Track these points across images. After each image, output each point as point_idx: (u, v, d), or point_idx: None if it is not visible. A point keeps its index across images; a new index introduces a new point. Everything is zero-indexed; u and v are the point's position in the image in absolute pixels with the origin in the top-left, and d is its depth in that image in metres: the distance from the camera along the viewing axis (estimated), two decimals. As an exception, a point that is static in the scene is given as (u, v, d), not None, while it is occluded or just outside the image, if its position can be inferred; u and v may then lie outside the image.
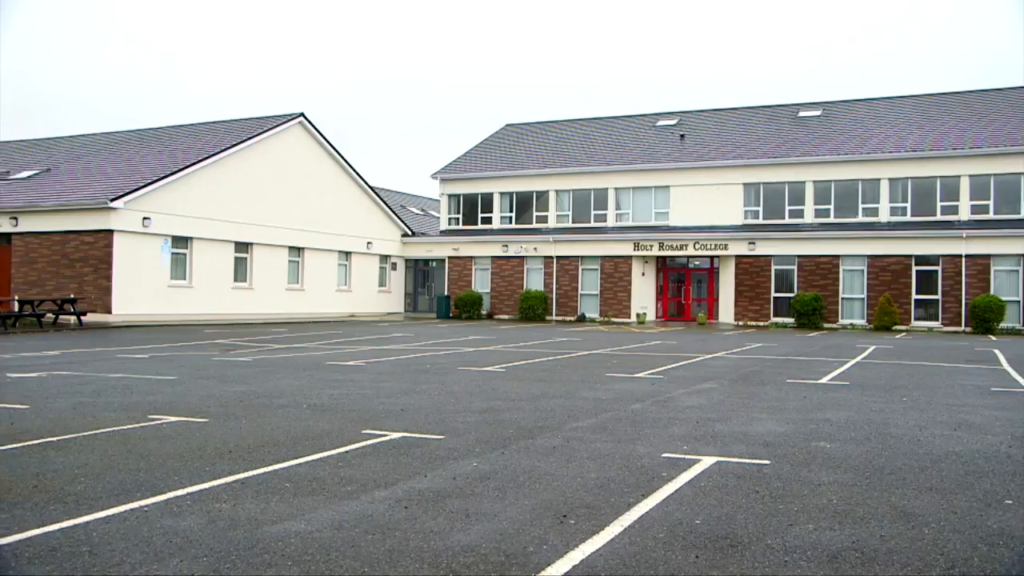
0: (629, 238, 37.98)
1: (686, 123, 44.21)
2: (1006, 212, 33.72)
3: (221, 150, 32.73)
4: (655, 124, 45.10)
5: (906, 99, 42.55)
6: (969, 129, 36.41)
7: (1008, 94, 40.20)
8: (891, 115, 40.29)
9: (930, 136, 36.46)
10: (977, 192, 34.23)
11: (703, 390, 12.18)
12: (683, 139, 41.75)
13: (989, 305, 31.27)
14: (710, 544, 4.82)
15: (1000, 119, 36.95)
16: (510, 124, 50.38)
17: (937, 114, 39.25)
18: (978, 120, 37.36)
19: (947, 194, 34.71)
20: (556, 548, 4.72)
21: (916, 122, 38.67)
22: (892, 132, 37.89)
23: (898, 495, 5.97)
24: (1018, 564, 4.52)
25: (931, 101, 41.37)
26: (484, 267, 41.36)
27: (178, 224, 30.62)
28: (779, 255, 35.71)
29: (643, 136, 43.71)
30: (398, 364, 16.03)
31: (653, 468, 6.78)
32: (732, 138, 41.05)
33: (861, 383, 13.35)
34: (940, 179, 34.76)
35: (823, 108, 42.82)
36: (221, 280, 32.67)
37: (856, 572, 4.37)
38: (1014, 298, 32.19)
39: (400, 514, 5.39)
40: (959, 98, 41.03)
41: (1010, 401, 11.27)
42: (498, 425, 8.85)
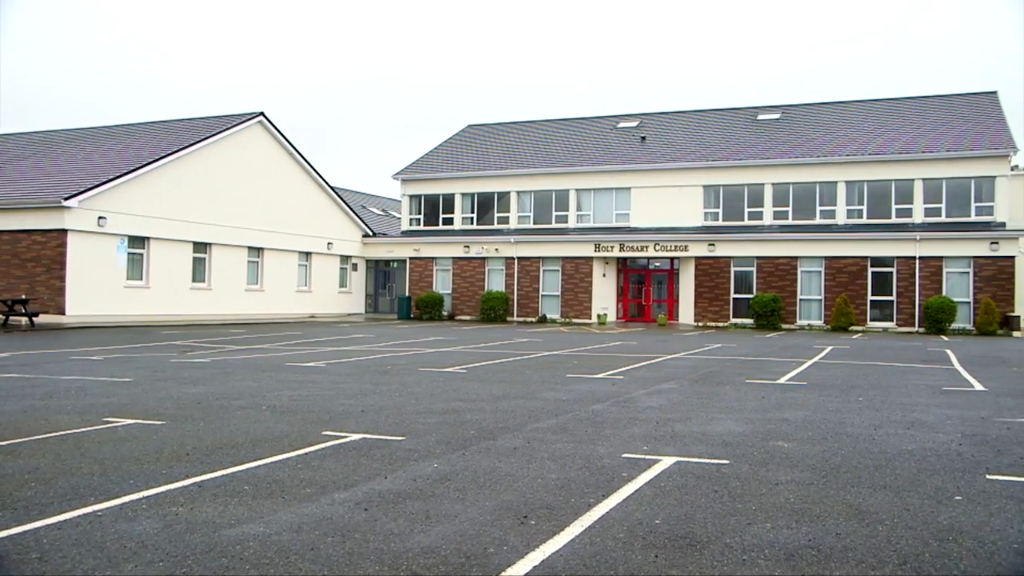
0: (590, 239, 38.14)
1: (647, 125, 44.51)
2: (957, 215, 34.42)
3: (179, 149, 32.32)
4: (616, 126, 45.34)
5: (863, 103, 43.22)
6: (923, 134, 37.08)
7: (962, 99, 41.00)
8: (848, 119, 40.91)
9: (886, 140, 37.08)
10: (930, 195, 34.89)
11: (663, 390, 12.26)
12: (644, 141, 42.03)
13: (941, 306, 31.90)
14: (670, 544, 4.85)
15: (954, 124, 37.69)
16: (472, 125, 50.35)
17: (893, 118, 39.93)
18: (932, 125, 38.07)
19: (901, 197, 35.34)
20: (516, 549, 4.71)
21: (872, 126, 39.31)
22: (849, 135, 38.47)
23: (853, 493, 6.05)
24: (966, 558, 4.61)
25: (887, 105, 42.07)
26: (445, 268, 41.29)
27: (135, 224, 30.18)
28: (738, 256, 36.10)
29: (604, 137, 43.93)
30: (359, 365, 15.93)
31: (613, 468, 6.81)
32: (692, 140, 41.42)
33: (818, 383, 13.52)
34: (895, 182, 35.38)
35: (782, 111, 43.36)
36: (179, 281, 32.25)
37: (812, 570, 4.42)
38: (965, 299, 32.86)
39: (360, 516, 5.35)
40: (915, 103, 41.78)
41: (961, 400, 11.48)
42: (459, 426, 8.83)
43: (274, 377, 13.58)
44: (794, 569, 4.43)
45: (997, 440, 8.25)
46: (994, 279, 32.52)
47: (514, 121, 49.77)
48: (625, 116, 46.78)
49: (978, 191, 34.30)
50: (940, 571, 4.42)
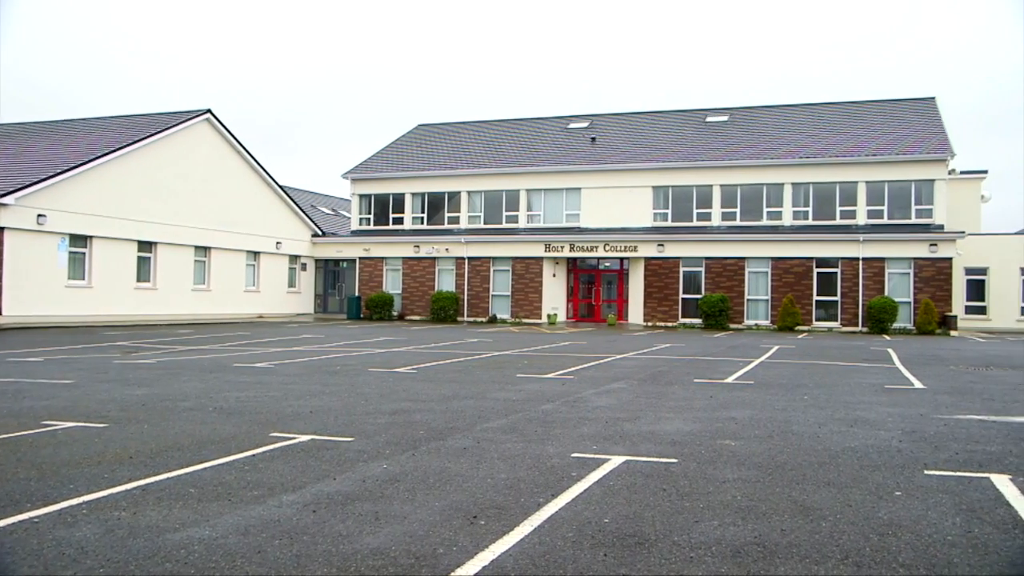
0: (540, 239, 38.25)
1: (597, 126, 44.76)
2: (899, 217, 35.21)
3: (124, 145, 31.68)
4: (567, 127, 45.53)
5: (808, 107, 43.99)
6: (867, 137, 37.85)
7: (902, 105, 41.94)
8: (794, 122, 41.61)
9: (830, 143, 37.77)
10: (873, 198, 35.63)
11: (612, 390, 12.34)
12: (594, 142, 42.26)
13: (884, 306, 32.61)
14: (618, 542, 4.88)
15: (895, 129, 38.54)
16: (422, 124, 50.17)
17: (837, 122, 40.69)
18: (875, 129, 38.87)
19: (845, 199, 36.03)
20: (466, 549, 4.71)
21: (818, 129, 40.01)
22: (795, 138, 39.12)
23: (798, 490, 6.15)
24: (904, 551, 4.72)
25: (832, 109, 42.87)
26: (395, 268, 41.09)
27: (76, 222, 29.51)
28: (687, 257, 36.48)
29: (555, 138, 44.09)
30: (307, 366, 15.78)
31: (563, 468, 6.84)
32: (642, 141, 41.76)
33: (765, 382, 13.73)
34: (839, 185, 36.06)
35: (730, 114, 43.92)
36: (123, 280, 31.60)
37: (758, 566, 4.48)
38: (906, 299, 33.63)
39: (308, 518, 5.30)
40: (858, 107, 42.63)
41: (901, 398, 11.74)
42: (408, 426, 8.79)
43: (221, 378, 13.39)
44: (740, 566, 4.49)
45: (935, 436, 8.46)
46: (933, 280, 33.33)
47: (464, 121, 49.71)
48: (575, 117, 46.99)
49: (918, 194, 35.11)
50: (880, 564, 4.52)
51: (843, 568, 4.46)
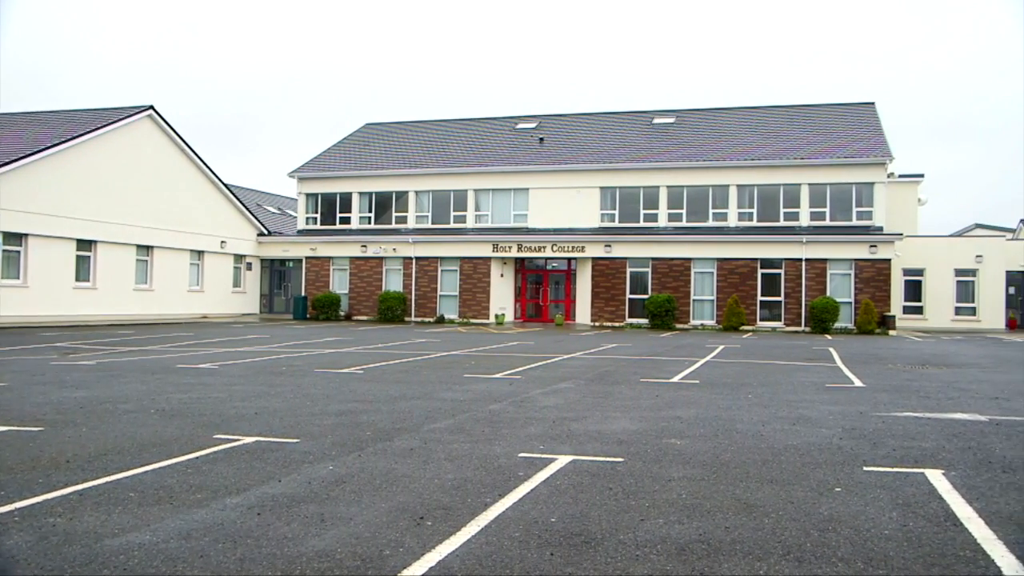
0: (488, 239, 38.25)
1: (545, 126, 44.90)
2: (840, 219, 35.93)
3: (62, 141, 30.89)
4: (515, 127, 45.60)
5: (753, 110, 44.65)
6: (810, 141, 38.56)
7: (844, 109, 42.82)
8: (740, 124, 42.21)
9: (775, 146, 38.41)
10: (815, 200, 36.31)
11: (560, 390, 12.39)
12: (542, 142, 42.39)
13: (826, 306, 33.26)
14: (565, 541, 4.90)
15: (837, 132, 39.32)
16: (370, 123, 49.85)
17: (781, 125, 41.39)
18: (818, 132, 39.62)
19: (789, 201, 36.65)
20: (412, 550, 4.69)
21: (762, 132, 40.65)
22: (740, 140, 39.69)
23: (742, 488, 6.25)
24: (844, 546, 4.82)
25: (776, 113, 43.58)
26: (342, 268, 40.77)
27: (11, 219, 28.70)
28: (634, 257, 36.78)
29: (503, 138, 44.13)
30: (252, 367, 15.57)
31: (510, 468, 6.85)
32: (590, 142, 42.00)
33: (710, 381, 13.90)
34: (783, 187, 36.67)
35: (677, 116, 44.39)
36: (61, 279, 30.83)
37: (702, 563, 4.54)
38: (847, 300, 34.35)
39: (252, 521, 5.24)
40: (801, 111, 43.40)
41: (842, 396, 11.99)
42: (355, 427, 8.73)
43: (163, 379, 13.15)
44: (685, 563, 4.54)
45: (873, 433, 8.66)
46: (873, 280, 34.09)
47: (413, 121, 49.49)
48: (524, 117, 47.08)
49: (859, 197, 35.87)
50: (820, 560, 4.61)
51: (785, 563, 4.54)
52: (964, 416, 9.98)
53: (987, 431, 8.88)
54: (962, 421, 9.58)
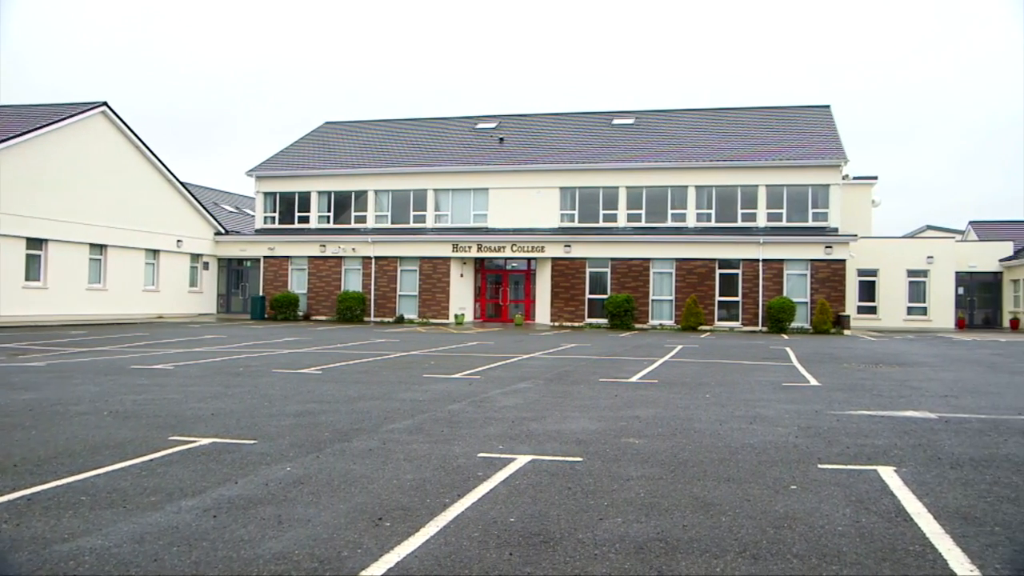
0: (448, 239, 38.18)
1: (505, 127, 44.92)
2: (797, 220, 36.40)
3: (10, 137, 30.20)
4: (475, 127, 45.56)
5: (711, 111, 45.10)
6: (767, 142, 39.02)
7: (800, 112, 43.39)
8: (698, 126, 42.58)
9: (732, 147, 38.80)
10: (772, 201, 36.74)
11: (519, 390, 12.41)
12: (502, 142, 42.40)
13: (782, 306, 33.68)
14: (524, 541, 4.91)
15: (793, 135, 39.84)
16: (329, 122, 49.49)
17: (739, 127, 41.81)
18: (774, 135, 40.11)
19: (747, 202, 37.05)
20: (371, 551, 4.67)
21: (720, 133, 41.05)
22: (699, 142, 40.04)
23: (699, 486, 6.30)
24: (799, 543, 4.89)
25: (733, 115, 44.04)
26: (301, 267, 40.43)
27: (-41, 218, 28.04)
28: (593, 257, 36.94)
29: (463, 138, 44.06)
30: (209, 367, 15.38)
31: (469, 468, 6.84)
32: (550, 143, 42.09)
33: (668, 381, 14.01)
34: (740, 188, 37.06)
35: (636, 117, 44.65)
36: (9, 279, 30.13)
37: (660, 561, 4.58)
38: (803, 300, 34.82)
39: (208, 523, 5.17)
40: (758, 113, 43.90)
41: (798, 395, 12.15)
42: (313, 428, 8.67)
43: (117, 381, 12.94)
44: (643, 561, 4.57)
45: (828, 431, 8.79)
46: (828, 281, 34.59)
47: (372, 120, 49.22)
48: (484, 117, 47.05)
49: (815, 198, 36.38)
50: (775, 556, 4.67)
51: (741, 561, 4.59)
52: (915, 414, 10.18)
53: (937, 428, 9.07)
54: (913, 419, 9.77)
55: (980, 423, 9.50)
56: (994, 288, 42.72)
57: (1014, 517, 5.53)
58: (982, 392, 12.74)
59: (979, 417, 9.98)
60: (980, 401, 11.60)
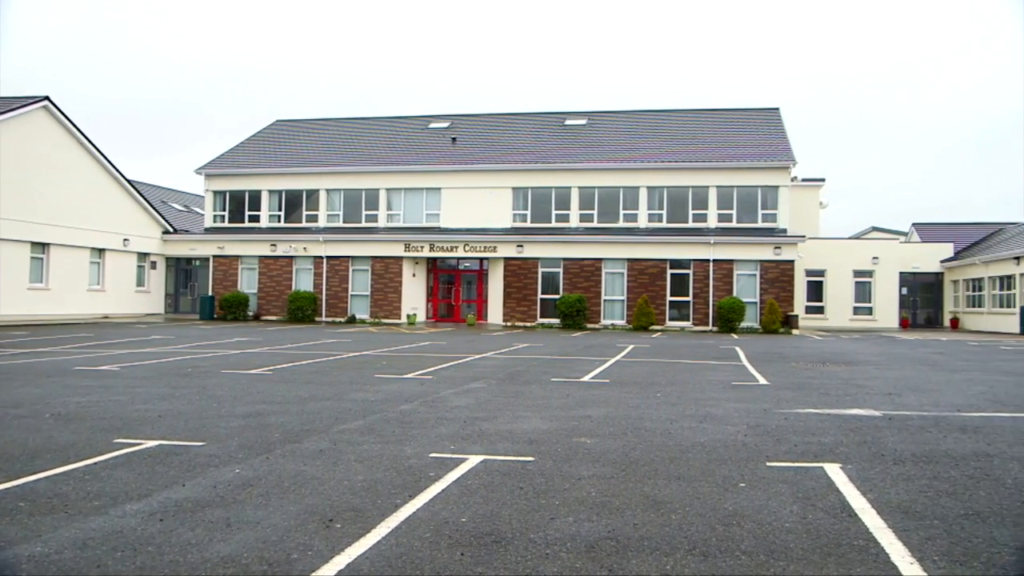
0: (400, 239, 38.01)
1: (458, 126, 44.86)
2: (747, 221, 36.90)
3: (-51, 134, 29.38)
4: (427, 126, 45.43)
5: (663, 113, 45.51)
6: (718, 144, 39.50)
7: (750, 114, 44.03)
8: (650, 127, 42.95)
9: (684, 149, 39.20)
10: (723, 202, 37.20)
11: (471, 390, 12.39)
12: (455, 142, 42.34)
13: (732, 306, 34.11)
14: (475, 541, 4.91)
15: (743, 137, 40.40)
16: (280, 120, 48.97)
17: (691, 128, 42.27)
18: (725, 136, 40.62)
19: (697, 203, 37.45)
20: (321, 553, 4.64)
21: (672, 135, 41.46)
22: (651, 143, 40.40)
23: (650, 485, 6.36)
24: (747, 540, 4.96)
25: (685, 116, 44.51)
26: (251, 267, 39.94)
27: None
28: (546, 258, 37.04)
29: (415, 138, 43.91)
30: (156, 368, 15.12)
31: (421, 468, 6.82)
32: (502, 143, 42.13)
33: (620, 380, 14.10)
34: (691, 189, 37.45)
35: (588, 118, 44.88)
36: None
37: (611, 560, 4.61)
38: (752, 300, 35.30)
39: (154, 527, 5.08)
40: (710, 114, 44.44)
41: (747, 394, 12.32)
42: (263, 429, 8.57)
43: (60, 382, 12.66)
44: (594, 560, 4.60)
45: (776, 430, 8.92)
46: (777, 281, 35.12)
47: (324, 118, 48.82)
48: (436, 117, 46.94)
49: (764, 199, 36.91)
50: (724, 553, 4.73)
51: (691, 558, 4.64)
52: (860, 412, 10.38)
53: (881, 426, 9.26)
54: (858, 416, 9.96)
55: (921, 420, 9.72)
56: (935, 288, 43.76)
57: (952, 510, 5.68)
58: (923, 390, 13.03)
59: (920, 414, 10.21)
60: (922, 399, 11.87)
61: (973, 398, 12.02)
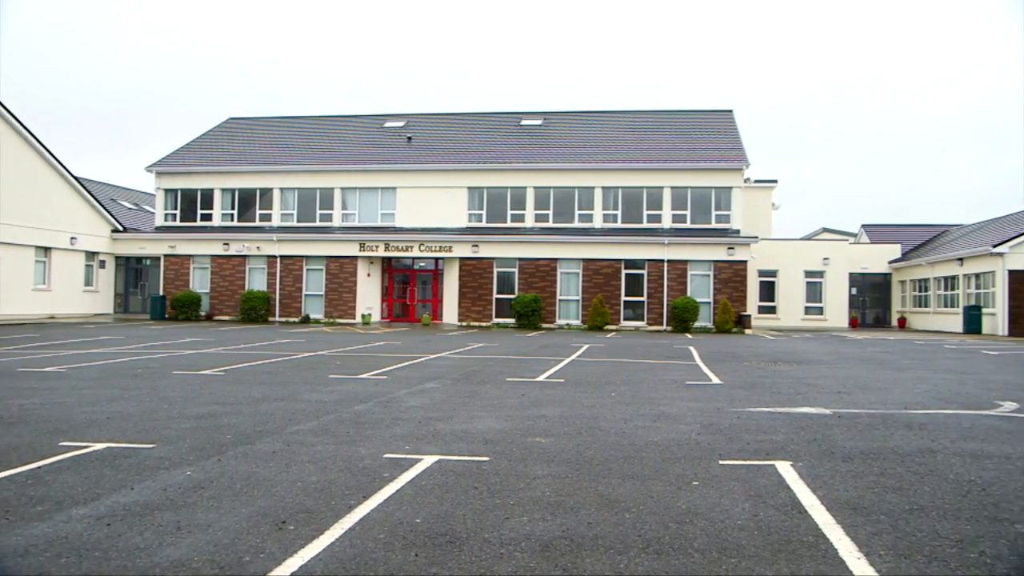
0: (355, 238, 37.77)
1: (414, 125, 44.69)
2: (701, 222, 37.26)
3: None
4: (383, 125, 45.19)
5: (619, 114, 45.78)
6: (672, 145, 39.84)
7: (704, 116, 44.46)
8: (606, 128, 43.16)
9: (639, 149, 39.47)
10: (677, 203, 37.52)
11: (426, 390, 12.36)
12: (410, 141, 42.17)
13: (686, 306, 34.44)
14: (430, 542, 4.90)
15: (698, 138, 40.79)
16: (233, 118, 48.34)
17: (646, 130, 42.57)
18: (680, 138, 40.98)
19: (652, 204, 37.73)
20: (274, 555, 4.59)
21: (627, 136, 41.71)
22: (606, 144, 40.60)
23: (604, 484, 6.39)
24: (700, 537, 5.01)
25: (640, 117, 44.79)
26: (203, 266, 39.37)
27: None
28: (501, 257, 37.05)
29: (371, 137, 43.66)
30: (105, 369, 14.83)
31: (375, 469, 6.78)
32: (458, 142, 42.06)
33: (575, 380, 14.15)
34: (646, 190, 37.71)
35: (544, 118, 44.98)
36: None
37: (565, 559, 4.62)
38: (706, 300, 35.67)
39: (101, 532, 4.99)
40: (665, 116, 44.78)
41: (701, 393, 12.44)
42: (215, 430, 8.46)
43: (3, 384, 12.36)
44: (548, 559, 4.61)
45: (729, 428, 9.02)
46: (730, 281, 35.52)
47: (278, 116, 48.32)
48: (391, 116, 46.71)
49: (718, 200, 37.30)
50: (677, 551, 4.77)
51: (644, 556, 4.68)
52: (811, 410, 10.54)
53: (831, 423, 9.41)
54: (809, 415, 10.11)
55: (870, 418, 9.90)
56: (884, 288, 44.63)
57: (898, 506, 5.80)
58: (872, 388, 13.28)
59: (869, 412, 10.41)
60: (870, 397, 12.09)
61: (919, 396, 12.28)
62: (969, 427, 9.28)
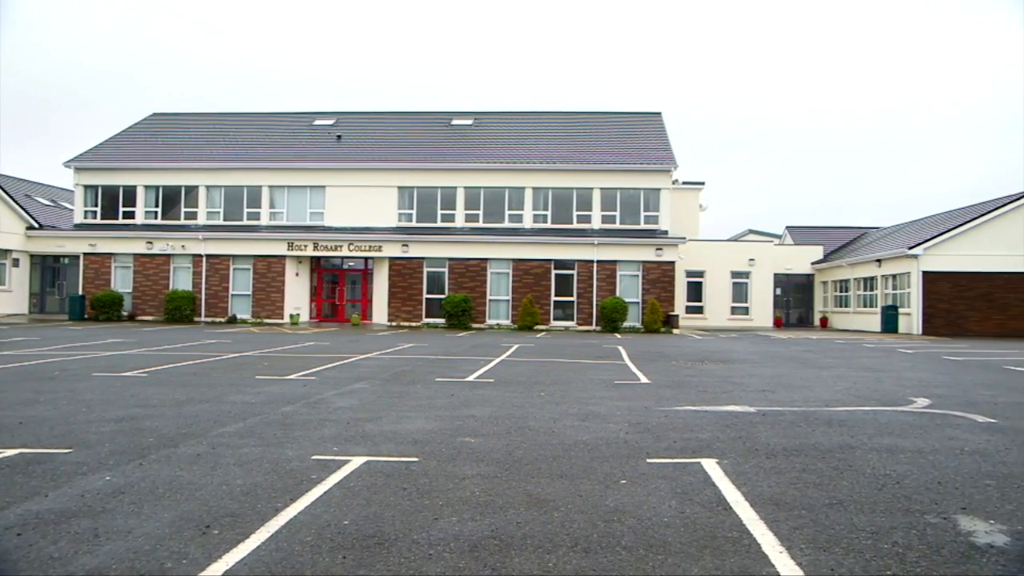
0: (283, 237, 37.23)
1: (343, 124, 44.25)
2: (630, 223, 37.69)
3: None
4: (312, 123, 44.64)
5: (549, 115, 46.04)
6: (602, 146, 40.20)
7: (634, 118, 45.00)
8: (536, 128, 43.37)
9: (569, 150, 39.73)
10: (607, 204, 37.89)
11: (355, 391, 12.25)
12: (340, 140, 41.75)
13: (615, 306, 34.80)
14: (358, 544, 4.85)
15: (627, 140, 41.25)
16: (157, 114, 47.21)
17: (576, 131, 42.88)
18: (609, 139, 41.39)
19: (582, 205, 38.03)
20: (197, 561, 4.50)
21: (558, 137, 41.96)
22: (537, 144, 40.78)
23: (534, 483, 6.41)
24: (628, 535, 5.07)
25: (571, 118, 45.13)
26: (126, 265, 38.34)
27: None
28: (431, 257, 36.94)
29: (300, 135, 43.09)
30: (18, 372, 14.32)
31: (302, 471, 6.70)
32: (388, 141, 41.79)
33: (504, 380, 14.17)
34: (576, 191, 38.00)
35: (475, 118, 44.98)
36: None
37: (494, 559, 4.63)
38: (635, 300, 36.10)
39: (10, 542, 4.81)
40: (595, 117, 45.19)
41: (629, 392, 12.58)
42: (137, 434, 8.24)
43: (-89, 388, 11.84)
44: (477, 560, 4.61)
45: (657, 427, 9.14)
46: (659, 281, 36.02)
47: (204, 112, 47.37)
48: (321, 114, 46.19)
49: (646, 202, 37.79)
50: (605, 549, 4.82)
51: (573, 555, 4.71)
52: (736, 408, 10.75)
53: (755, 421, 9.61)
54: (734, 413, 10.31)
55: (792, 415, 10.14)
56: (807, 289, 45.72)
57: (818, 501, 5.96)
58: (795, 386, 13.60)
59: (792, 410, 10.66)
60: (793, 395, 12.38)
61: (839, 393, 12.62)
62: (885, 423, 9.58)
